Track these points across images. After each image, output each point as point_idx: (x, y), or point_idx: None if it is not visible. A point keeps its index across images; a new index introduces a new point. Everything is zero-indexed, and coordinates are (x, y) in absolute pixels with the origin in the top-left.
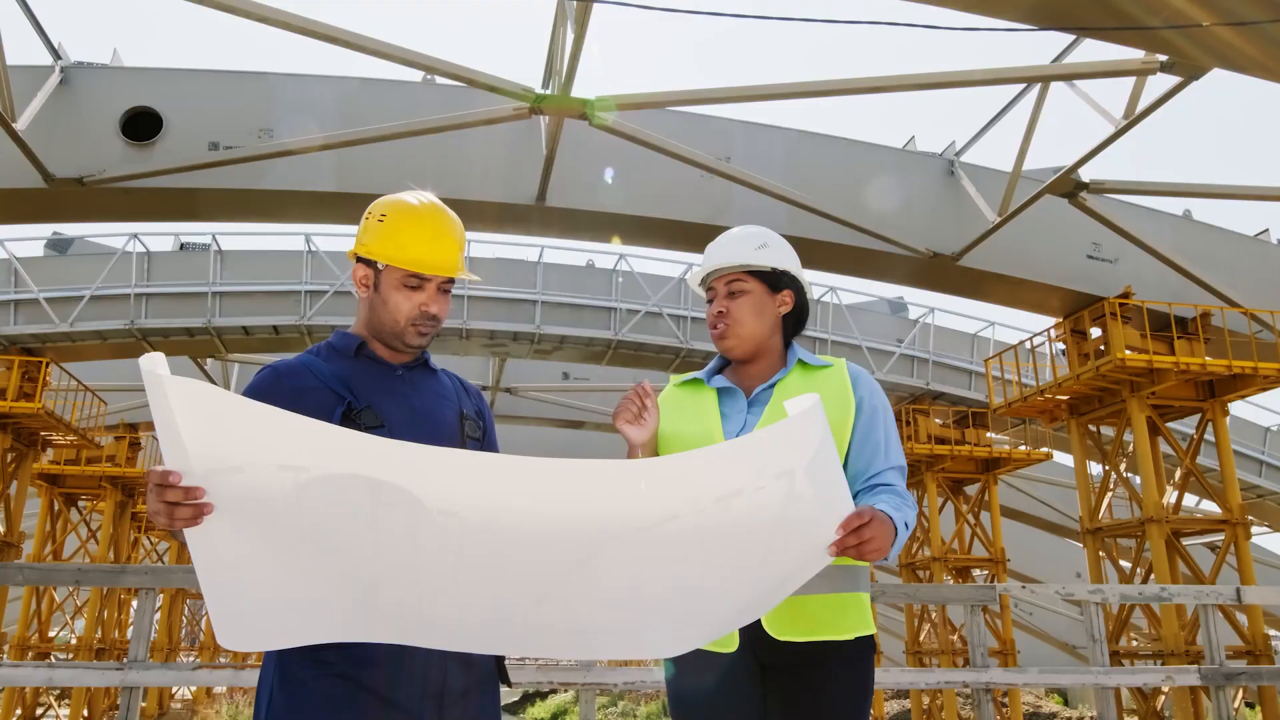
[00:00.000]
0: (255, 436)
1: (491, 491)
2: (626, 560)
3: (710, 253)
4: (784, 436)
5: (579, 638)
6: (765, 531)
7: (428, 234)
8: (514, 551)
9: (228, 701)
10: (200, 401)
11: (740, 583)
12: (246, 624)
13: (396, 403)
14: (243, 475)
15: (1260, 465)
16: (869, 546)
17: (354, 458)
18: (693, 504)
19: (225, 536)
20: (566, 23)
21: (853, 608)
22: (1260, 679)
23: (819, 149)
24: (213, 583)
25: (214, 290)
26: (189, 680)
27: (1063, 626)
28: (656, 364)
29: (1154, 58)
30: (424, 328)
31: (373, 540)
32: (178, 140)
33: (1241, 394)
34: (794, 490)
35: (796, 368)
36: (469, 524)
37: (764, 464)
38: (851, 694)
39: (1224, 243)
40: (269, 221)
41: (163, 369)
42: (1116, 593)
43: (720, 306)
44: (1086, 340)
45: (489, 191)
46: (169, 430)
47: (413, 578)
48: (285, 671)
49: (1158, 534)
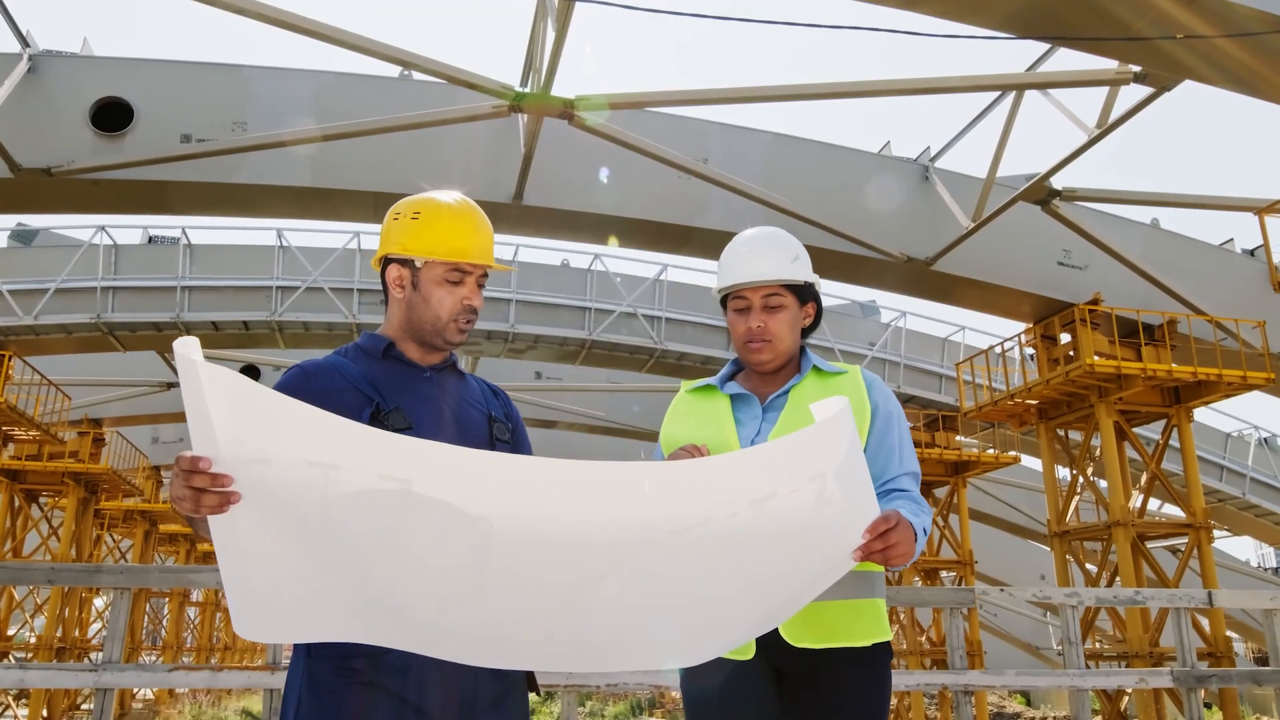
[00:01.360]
0: (286, 431)
1: (525, 495)
2: (656, 566)
3: (739, 260)
4: (817, 440)
5: (600, 649)
6: (794, 535)
7: (468, 226)
8: (544, 558)
9: (190, 701)
10: (233, 391)
11: (764, 588)
12: (264, 615)
13: (425, 404)
14: (271, 468)
15: (1221, 470)
16: (894, 551)
17: (386, 458)
18: (727, 507)
19: (249, 527)
20: (547, 20)
21: (869, 614)
22: (1230, 681)
23: (796, 152)
24: (234, 572)
25: (183, 285)
26: (165, 682)
27: (1026, 628)
28: (630, 364)
29: (1127, 69)
30: (466, 323)
31: (396, 545)
32: (149, 132)
33: (1206, 400)
34: (824, 493)
35: (811, 374)
36: (499, 530)
37: (798, 467)
38: (870, 700)
39: (1190, 251)
40: (242, 216)
41: (197, 354)
42: (1092, 596)
43: (759, 321)
44: (1056, 346)
45: (465, 188)
46: (200, 416)
47: (435, 586)
48: (313, 678)
49: (1124, 537)
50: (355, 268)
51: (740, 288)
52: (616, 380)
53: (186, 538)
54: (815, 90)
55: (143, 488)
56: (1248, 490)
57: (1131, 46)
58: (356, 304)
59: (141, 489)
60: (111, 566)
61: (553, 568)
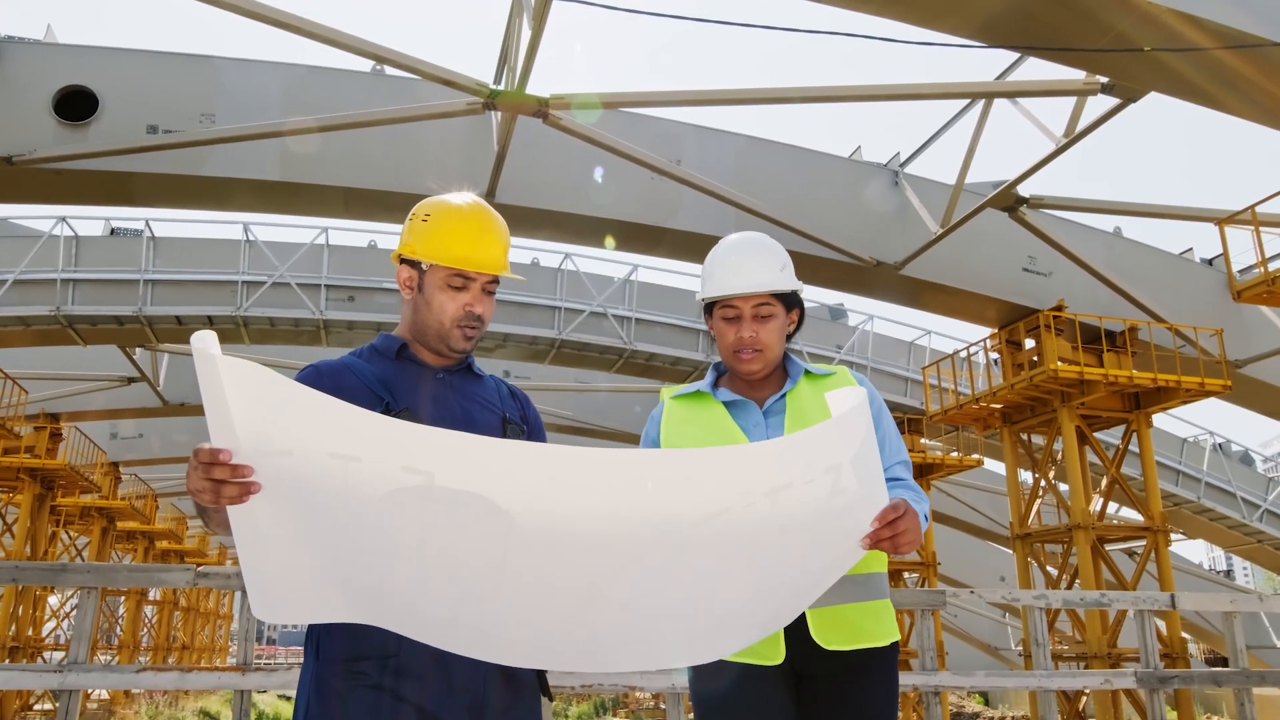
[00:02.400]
0: (308, 422)
1: (548, 485)
2: (673, 560)
3: (728, 269)
4: (836, 431)
5: (611, 649)
6: (808, 525)
7: (472, 232)
8: (564, 551)
9: (147, 702)
10: (253, 383)
11: (775, 582)
12: (281, 598)
13: (436, 406)
14: (291, 460)
15: (1177, 475)
16: (903, 539)
17: (409, 450)
18: (745, 497)
19: (267, 515)
20: (523, 17)
21: (885, 614)
22: (1191, 682)
23: (769, 155)
24: (251, 558)
25: (146, 278)
26: (132, 683)
27: (986, 629)
28: (600, 364)
29: (1094, 79)
30: (469, 330)
31: (416, 537)
32: (114, 122)
33: (1164, 406)
34: (839, 483)
35: (804, 378)
36: (520, 522)
37: (815, 458)
38: (890, 695)
39: (1152, 260)
40: (208, 209)
41: (215, 348)
42: (1059, 598)
43: (750, 331)
44: (1021, 351)
45: (434, 185)
46: (219, 409)
47: (453, 579)
48: (322, 682)
49: (1084, 540)
50: (323, 263)
51: (731, 297)
52: (585, 380)
53: (145, 535)
54: (790, 94)
55: (100, 484)
56: (1202, 495)
57: (1099, 58)
58: (324, 300)
59: (99, 485)
60: (78, 565)
61: (572, 561)
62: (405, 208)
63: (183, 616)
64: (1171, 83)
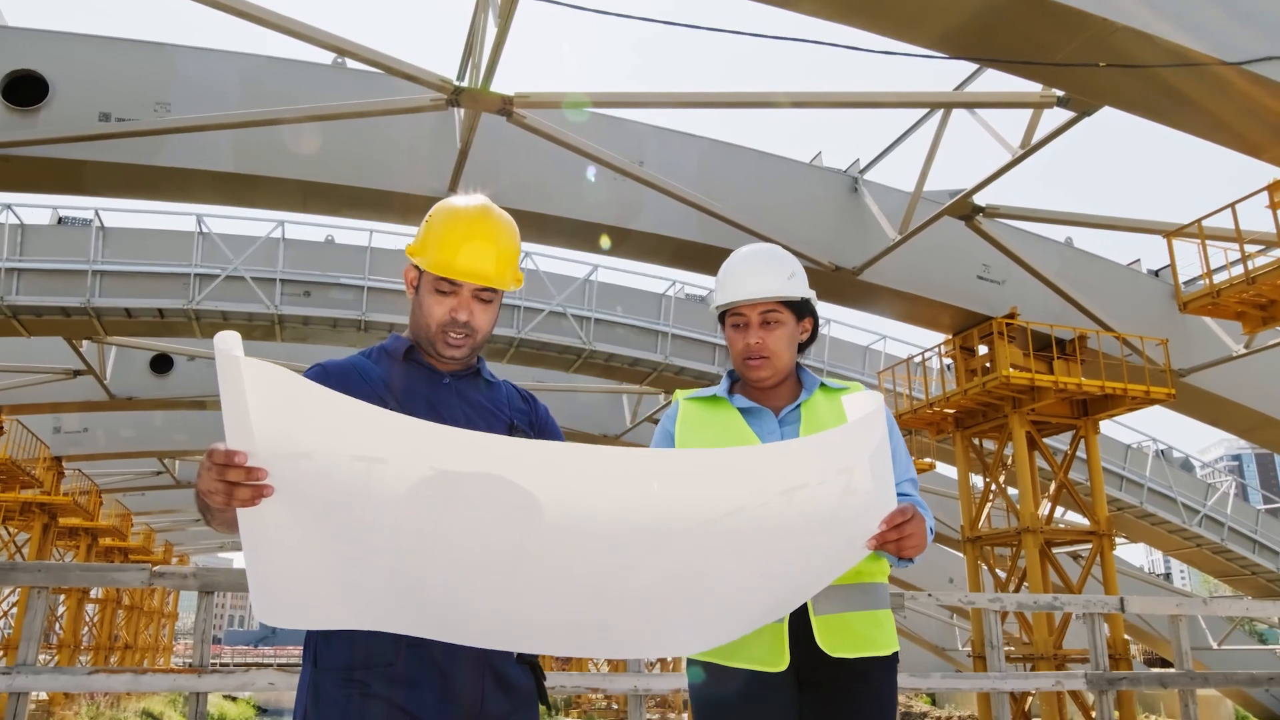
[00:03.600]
0: (331, 424)
1: (570, 483)
2: (685, 554)
3: (737, 278)
4: (853, 435)
5: (619, 636)
6: (818, 525)
7: (458, 237)
8: (581, 547)
9: (88, 703)
10: (276, 385)
11: (780, 576)
12: (285, 602)
13: (441, 411)
14: (311, 462)
15: (1121, 480)
16: (909, 542)
17: (435, 451)
18: (759, 495)
19: (278, 519)
20: (488, 13)
21: (887, 624)
22: (1139, 684)
23: (730, 159)
24: (258, 561)
25: (95, 268)
26: (85, 685)
27: (934, 630)
28: (558, 364)
29: (1051, 93)
30: (454, 337)
31: (435, 535)
32: (65, 108)
33: (1111, 413)
34: (851, 485)
35: (820, 390)
36: (542, 521)
37: (830, 460)
38: (889, 706)
39: (1101, 270)
40: (162, 200)
41: (238, 350)
42: (1014, 601)
43: (757, 337)
44: (974, 357)
45: (397, 181)
46: (237, 411)
47: (470, 574)
48: (319, 690)
49: (1033, 544)
50: (278, 257)
51: (738, 305)
52: (542, 380)
53: (88, 532)
54: (753, 99)
55: (43, 479)
56: (1144, 500)
57: (1055, 72)
58: (279, 295)
59: (41, 480)
60: (29, 564)
61: (590, 555)
62: (366, 203)
63: (126, 615)
64: (1125, 98)
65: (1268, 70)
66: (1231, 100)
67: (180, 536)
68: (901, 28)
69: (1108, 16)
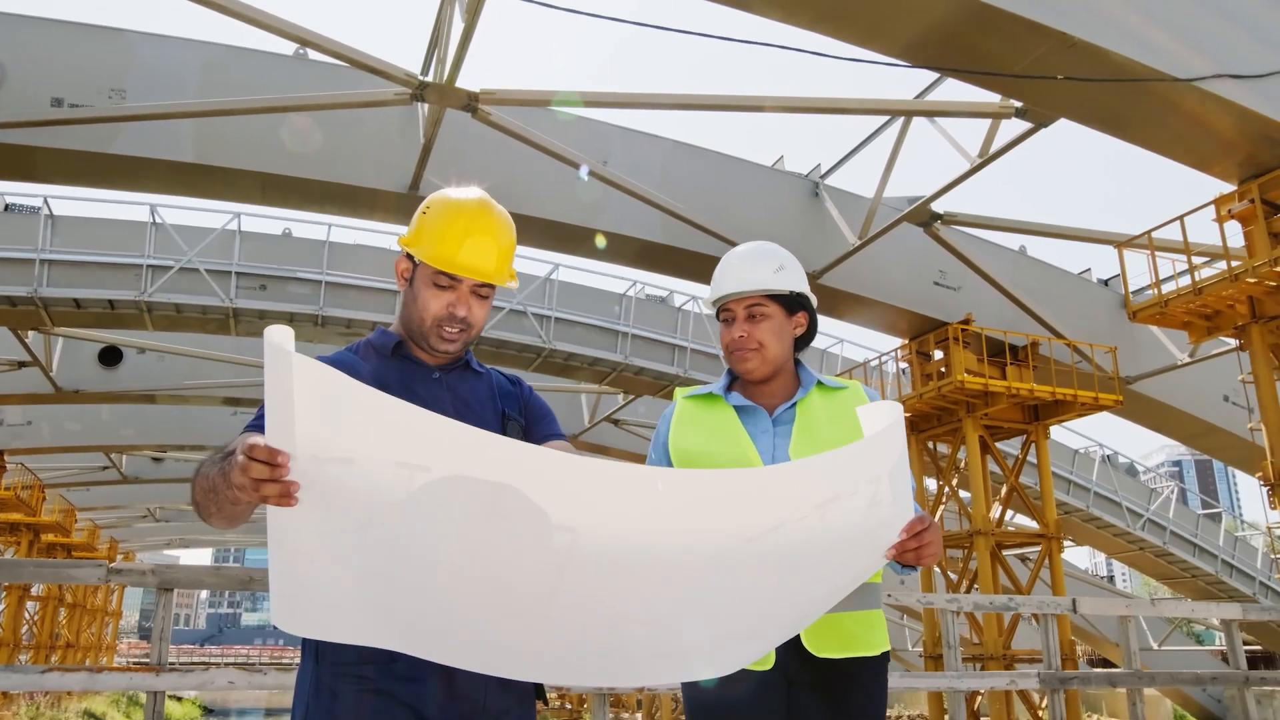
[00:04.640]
0: (377, 429)
1: (613, 504)
2: (722, 575)
3: (725, 273)
4: (877, 446)
5: (637, 662)
6: (846, 537)
7: (460, 231)
8: (622, 570)
9: (27, 703)
10: (323, 386)
11: (804, 591)
12: (305, 610)
13: (431, 408)
14: (353, 467)
15: (1069, 484)
16: (927, 551)
17: (482, 461)
18: (797, 510)
19: (307, 524)
20: (454, 7)
21: (877, 624)
22: (1089, 683)
23: (694, 160)
24: (283, 567)
25: (42, 257)
26: (38, 684)
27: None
28: (518, 362)
29: (1009, 103)
30: (450, 332)
31: (473, 551)
32: (15, 92)
33: (1062, 419)
34: (877, 495)
35: (816, 389)
36: (582, 542)
37: (860, 471)
38: (878, 706)
39: (1053, 278)
40: (117, 189)
41: (290, 344)
42: (970, 601)
43: (741, 330)
44: (929, 361)
45: (360, 176)
46: (282, 409)
47: (502, 598)
48: (320, 684)
49: (984, 546)
50: (234, 250)
51: (725, 299)
52: None
53: (30, 527)
54: (718, 101)
55: None
56: (1091, 503)
57: (1014, 83)
58: (234, 288)
59: None
60: None
61: (625, 580)
62: (327, 196)
63: (68, 613)
64: (1080, 111)
65: (1215, 87)
66: (1181, 116)
67: (126, 533)
68: (866, 36)
69: (1066, 30)
